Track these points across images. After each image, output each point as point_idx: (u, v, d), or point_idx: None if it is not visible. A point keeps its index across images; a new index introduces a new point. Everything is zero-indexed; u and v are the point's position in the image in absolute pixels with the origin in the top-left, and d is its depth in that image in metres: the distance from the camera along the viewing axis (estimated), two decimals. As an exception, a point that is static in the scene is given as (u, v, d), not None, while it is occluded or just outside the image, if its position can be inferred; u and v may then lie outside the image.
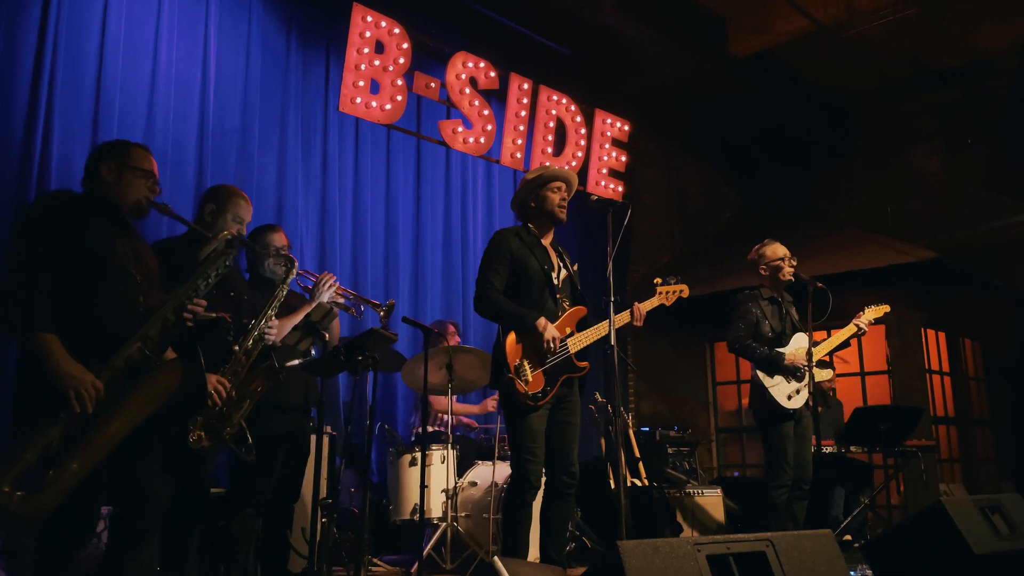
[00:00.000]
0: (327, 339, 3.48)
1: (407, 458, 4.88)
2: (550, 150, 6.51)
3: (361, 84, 5.37)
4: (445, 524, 4.67)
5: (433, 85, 5.83)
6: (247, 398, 3.07)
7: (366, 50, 5.40)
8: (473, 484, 4.85)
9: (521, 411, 3.40)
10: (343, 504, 4.85)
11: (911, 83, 8.72)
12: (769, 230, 5.71)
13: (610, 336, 3.41)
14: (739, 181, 9.93)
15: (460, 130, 5.94)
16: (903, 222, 8.57)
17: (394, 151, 6.30)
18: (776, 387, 4.40)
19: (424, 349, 4.26)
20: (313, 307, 3.55)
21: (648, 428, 6.40)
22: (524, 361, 3.40)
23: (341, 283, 3.99)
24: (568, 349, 3.49)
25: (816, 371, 4.37)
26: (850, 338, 4.61)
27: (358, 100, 5.36)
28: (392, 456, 4.99)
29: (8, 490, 2.21)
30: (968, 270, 7.80)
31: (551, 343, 3.39)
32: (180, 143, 4.95)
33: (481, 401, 6.02)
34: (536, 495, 3.44)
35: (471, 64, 6.00)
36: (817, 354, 4.46)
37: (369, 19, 5.43)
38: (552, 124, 6.55)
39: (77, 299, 2.47)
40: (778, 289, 4.61)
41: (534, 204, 3.66)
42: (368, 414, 4.17)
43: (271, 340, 3.23)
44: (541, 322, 3.41)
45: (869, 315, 4.64)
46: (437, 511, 4.77)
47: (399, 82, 5.55)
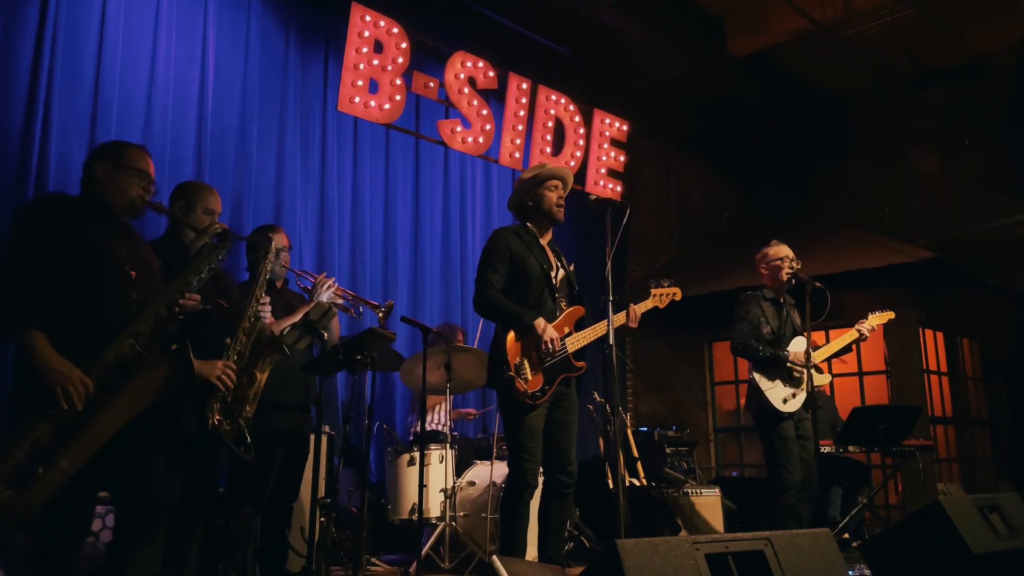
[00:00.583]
0: (326, 338, 3.48)
1: (405, 457, 4.88)
2: (549, 150, 6.51)
3: (360, 83, 5.37)
4: (443, 524, 4.67)
5: (432, 85, 5.83)
6: (259, 374, 3.10)
7: (365, 49, 5.40)
8: (472, 483, 4.85)
9: (519, 410, 3.40)
10: (341, 504, 4.84)
11: (910, 83, 8.72)
12: (768, 230, 5.72)
13: (609, 336, 3.41)
14: (738, 181, 9.93)
15: (459, 130, 5.94)
16: (902, 222, 8.58)
17: (393, 151, 6.30)
18: (772, 390, 4.40)
19: (423, 348, 4.27)
20: (312, 306, 3.54)
21: (646, 428, 6.40)
22: (524, 360, 3.40)
23: (340, 283, 4.00)
24: (566, 349, 3.50)
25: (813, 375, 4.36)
26: (851, 343, 4.58)
27: (357, 99, 5.36)
28: (390, 456, 4.99)
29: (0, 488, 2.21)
30: (966, 270, 7.80)
31: (550, 343, 3.40)
32: (178, 142, 4.95)
33: (480, 401, 6.03)
34: (534, 494, 3.44)
35: (470, 64, 6.00)
36: (817, 358, 4.46)
37: (368, 18, 5.43)
38: (551, 124, 6.55)
39: (70, 297, 2.48)
40: (780, 290, 4.61)
41: (531, 203, 3.66)
42: (367, 413, 4.17)
43: (265, 317, 3.23)
44: (540, 322, 3.41)
45: (873, 321, 4.61)
46: (435, 511, 4.76)
47: (398, 81, 5.54)
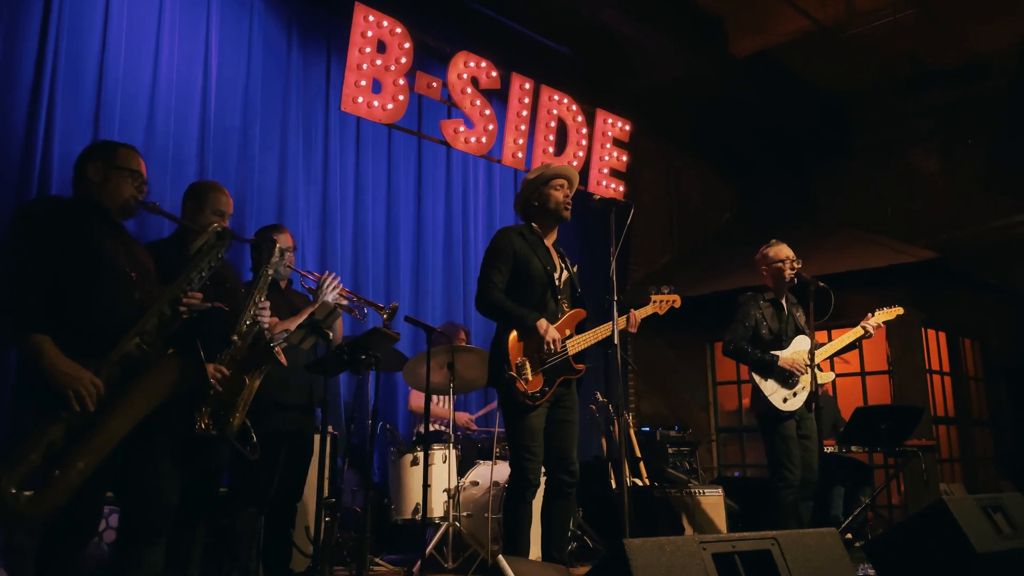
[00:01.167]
0: (331, 338, 3.48)
1: (408, 457, 4.88)
2: (551, 150, 6.51)
3: (363, 83, 5.37)
4: (447, 524, 4.67)
5: (435, 85, 5.83)
6: (249, 381, 3.06)
7: (368, 49, 5.40)
8: (475, 483, 4.85)
9: (520, 410, 3.40)
10: (345, 504, 4.85)
11: (910, 83, 8.73)
12: (768, 230, 5.71)
13: (613, 336, 3.42)
14: (738, 181, 9.94)
15: (461, 130, 5.94)
16: (902, 222, 8.59)
17: (395, 151, 6.30)
18: (770, 390, 4.41)
19: (427, 348, 4.27)
20: (317, 306, 3.54)
21: (648, 428, 6.41)
22: (525, 360, 3.40)
23: (342, 283, 3.99)
24: (567, 351, 3.50)
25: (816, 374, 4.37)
26: (856, 341, 4.57)
27: (360, 100, 5.36)
28: (393, 456, 4.99)
29: (15, 491, 2.21)
30: (967, 270, 7.81)
31: (552, 344, 3.40)
32: (181, 142, 4.95)
33: (481, 402, 6.03)
34: (536, 493, 3.44)
35: (472, 64, 6.00)
36: (820, 357, 4.46)
37: (371, 18, 5.43)
38: (553, 124, 6.55)
39: (72, 298, 2.48)
40: (781, 290, 4.61)
41: (537, 203, 3.65)
42: (370, 413, 4.17)
43: (264, 323, 3.22)
44: (542, 323, 3.41)
45: (879, 317, 4.61)
46: (439, 511, 4.77)
47: (401, 82, 5.55)
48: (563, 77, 6.92)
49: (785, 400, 4.39)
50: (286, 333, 3.40)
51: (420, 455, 4.77)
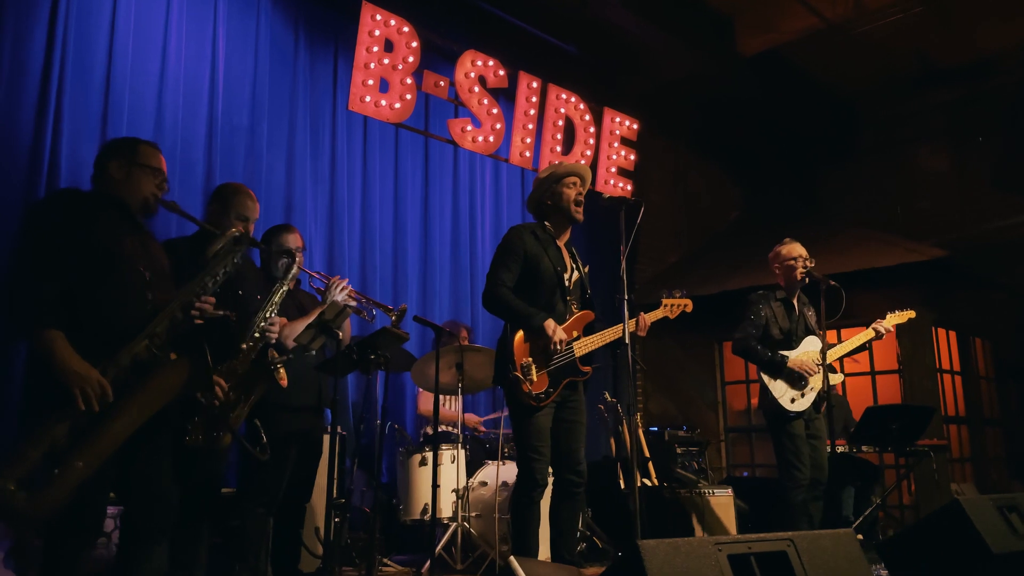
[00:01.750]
0: (340, 338, 3.46)
1: (417, 458, 4.87)
2: (559, 149, 6.49)
3: (370, 83, 5.36)
4: (456, 524, 4.65)
5: (442, 84, 5.81)
6: (244, 399, 2.99)
7: (375, 48, 5.39)
8: (483, 484, 4.83)
9: (526, 410, 3.38)
10: (354, 504, 4.83)
11: (918, 81, 8.67)
12: (776, 229, 5.68)
13: (624, 336, 3.39)
14: (746, 180, 9.89)
15: (469, 129, 5.92)
16: (911, 221, 8.53)
17: (402, 150, 6.29)
18: (778, 389, 4.38)
19: (435, 348, 4.25)
20: (327, 306, 3.53)
21: (656, 428, 6.37)
22: (531, 361, 3.38)
23: (350, 282, 3.98)
24: (573, 353, 3.47)
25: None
26: (868, 342, 4.55)
27: (367, 99, 5.35)
28: (402, 456, 4.98)
29: (13, 488, 2.19)
30: (978, 269, 7.76)
31: (558, 345, 3.38)
32: (189, 141, 4.94)
33: (489, 402, 6.01)
34: (543, 493, 3.41)
35: (480, 63, 5.99)
36: (830, 358, 4.42)
37: (378, 17, 5.42)
38: (561, 123, 6.54)
39: (85, 295, 2.46)
40: (793, 290, 4.58)
41: (550, 202, 3.62)
42: (379, 414, 4.16)
43: (273, 338, 3.19)
44: (549, 324, 3.38)
45: (891, 321, 4.57)
46: (447, 511, 4.75)
47: (408, 81, 5.53)
48: (570, 76, 6.90)
49: (793, 401, 4.36)
50: (289, 355, 3.35)
51: (428, 455, 4.75)
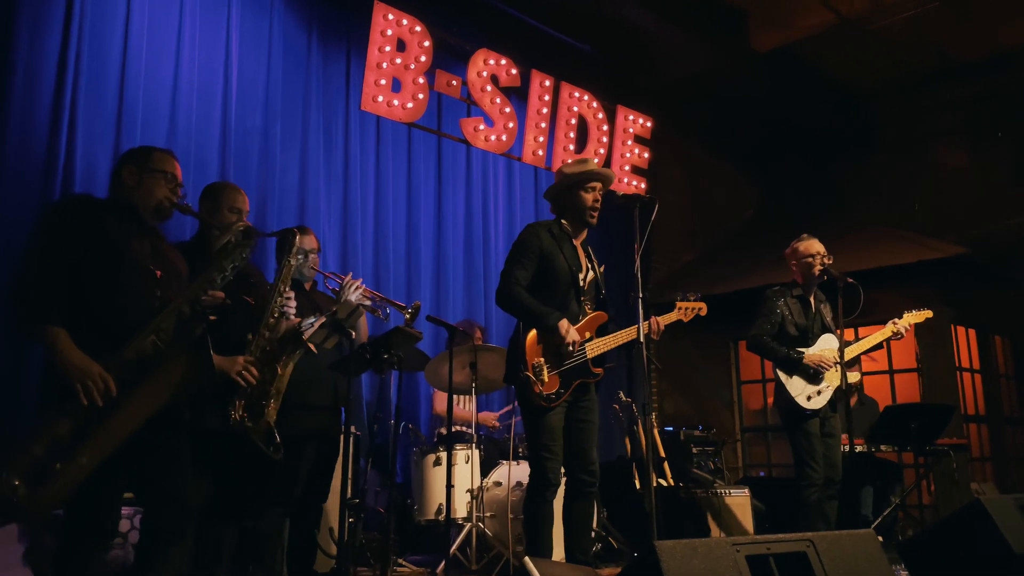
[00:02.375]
0: (354, 337, 3.45)
1: (431, 458, 4.86)
2: (572, 147, 6.47)
3: (383, 82, 5.36)
4: (470, 524, 4.64)
5: (454, 83, 5.81)
6: (280, 370, 3.08)
7: (388, 48, 5.39)
8: (498, 484, 4.81)
9: (537, 410, 3.36)
10: (368, 504, 4.83)
11: (935, 77, 8.58)
12: (791, 227, 5.60)
13: (638, 335, 3.36)
14: (761, 177, 9.82)
15: (482, 128, 5.91)
16: (929, 217, 8.42)
17: (415, 149, 6.29)
18: (794, 388, 4.33)
19: (448, 348, 4.24)
20: (340, 304, 3.52)
21: (672, 427, 6.33)
22: (542, 361, 3.36)
23: (364, 282, 3.97)
24: (585, 354, 3.44)
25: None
26: (884, 341, 4.49)
27: (380, 98, 5.35)
28: (416, 456, 4.97)
29: (17, 483, 2.19)
30: (997, 265, 7.66)
31: (570, 345, 3.35)
32: (203, 144, 4.96)
33: (503, 401, 5.99)
34: (556, 492, 3.39)
35: (492, 61, 5.97)
36: (849, 355, 4.37)
37: (391, 17, 5.42)
38: (574, 121, 6.51)
39: (93, 293, 2.48)
40: (810, 287, 4.53)
41: (567, 202, 3.58)
42: (393, 413, 4.15)
43: (291, 313, 3.20)
44: (564, 324, 3.35)
45: (909, 319, 4.52)
46: (462, 511, 4.73)
47: (420, 80, 5.53)
48: (583, 74, 6.87)
49: (809, 398, 4.32)
50: (313, 319, 3.38)
51: (443, 455, 4.74)
